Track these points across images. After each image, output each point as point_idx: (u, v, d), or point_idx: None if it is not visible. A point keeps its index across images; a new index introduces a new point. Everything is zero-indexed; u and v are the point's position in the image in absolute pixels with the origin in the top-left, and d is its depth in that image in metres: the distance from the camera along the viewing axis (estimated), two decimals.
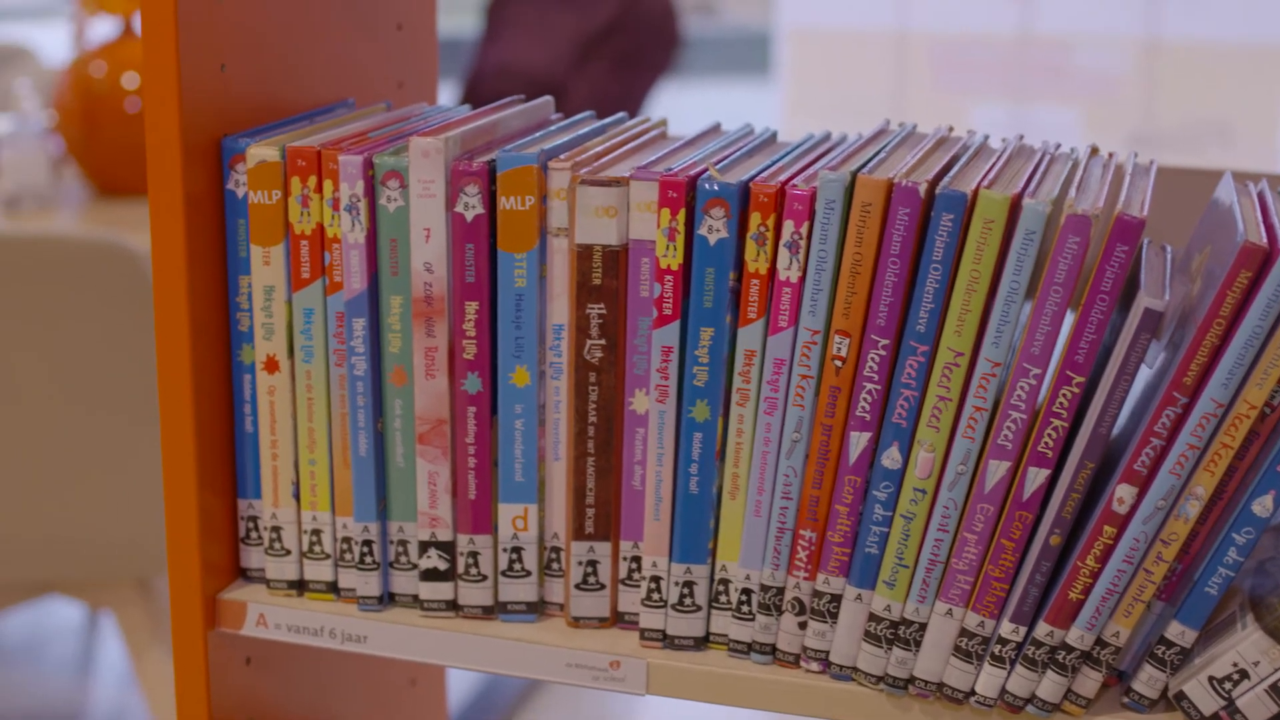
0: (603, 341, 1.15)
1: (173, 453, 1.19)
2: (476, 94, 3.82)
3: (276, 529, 1.23)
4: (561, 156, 1.15)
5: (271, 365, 1.20)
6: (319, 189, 1.17)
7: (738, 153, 1.19)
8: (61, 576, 2.63)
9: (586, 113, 1.34)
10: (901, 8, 6.25)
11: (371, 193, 1.16)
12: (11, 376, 2.54)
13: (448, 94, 4.12)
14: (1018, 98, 6.27)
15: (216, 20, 1.19)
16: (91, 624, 3.55)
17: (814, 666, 1.15)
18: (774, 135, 1.28)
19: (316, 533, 1.22)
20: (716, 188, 1.10)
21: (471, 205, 1.14)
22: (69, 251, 2.47)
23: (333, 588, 1.24)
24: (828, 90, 6.44)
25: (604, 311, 1.14)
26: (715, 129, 1.30)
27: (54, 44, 4.75)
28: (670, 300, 1.12)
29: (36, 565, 2.61)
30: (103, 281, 2.46)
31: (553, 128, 1.26)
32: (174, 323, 1.18)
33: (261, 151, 1.17)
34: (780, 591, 1.15)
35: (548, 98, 1.35)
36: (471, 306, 1.16)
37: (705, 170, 1.12)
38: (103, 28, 3.23)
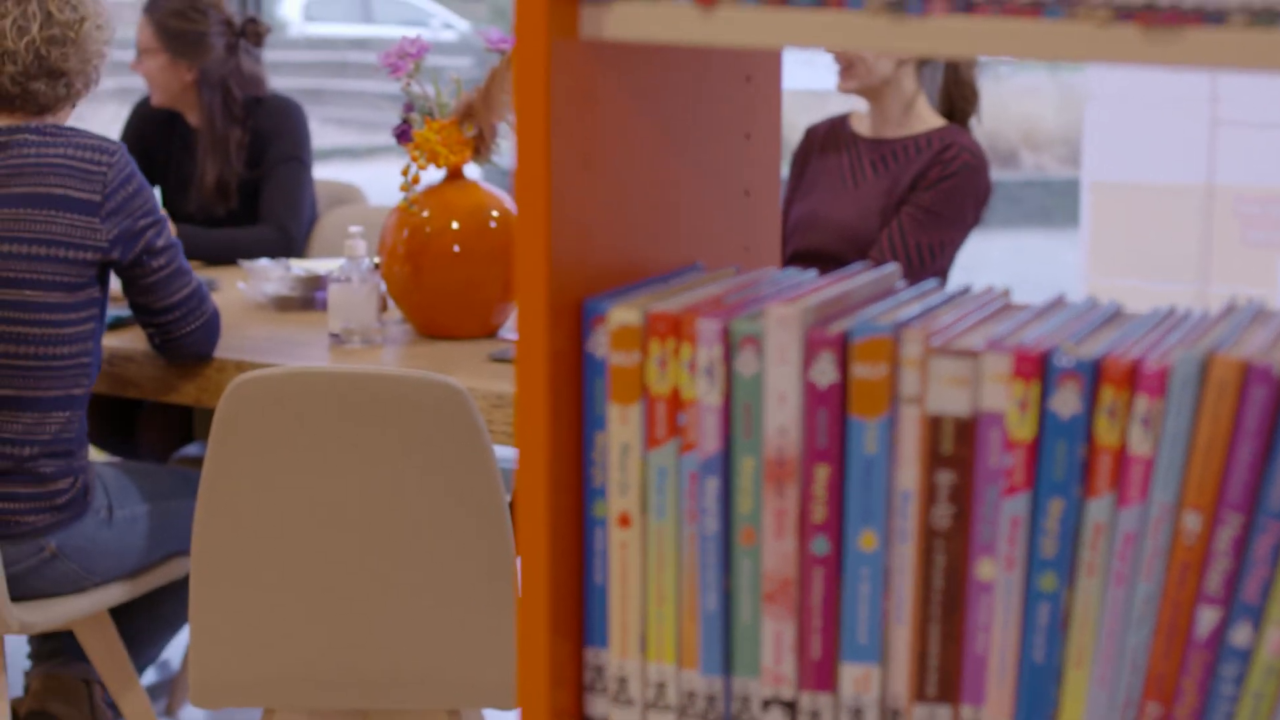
0: (950, 509, 1.17)
1: (529, 601, 1.24)
2: (782, 241, 3.87)
3: (622, 679, 1.27)
4: (914, 326, 1.18)
5: (624, 520, 1.25)
6: (677, 352, 1.22)
7: (1087, 326, 1.21)
8: (376, 706, 2.70)
9: (931, 280, 1.37)
10: (1210, 161, 6.18)
11: (728, 357, 1.20)
12: (335, 507, 2.63)
13: None
14: None
15: (584, 189, 1.25)
16: None
17: None
18: (1119, 309, 1.30)
19: (661, 685, 1.26)
20: (1071, 363, 1.12)
21: (825, 372, 1.18)
22: (404, 389, 2.56)
23: None
24: (1132, 243, 6.38)
25: (953, 479, 1.16)
26: (1060, 301, 1.32)
27: (382, 184, 4.93)
28: (1020, 471, 1.14)
29: (353, 695, 2.69)
30: (434, 419, 2.55)
31: (902, 296, 1.29)
32: (534, 477, 1.23)
33: (623, 315, 1.22)
34: None
35: (894, 264, 1.38)
36: (822, 470, 1.19)
37: (1058, 344, 1.14)
38: (431, 171, 3.35)
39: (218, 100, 4.11)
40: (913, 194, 3.62)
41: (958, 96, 3.77)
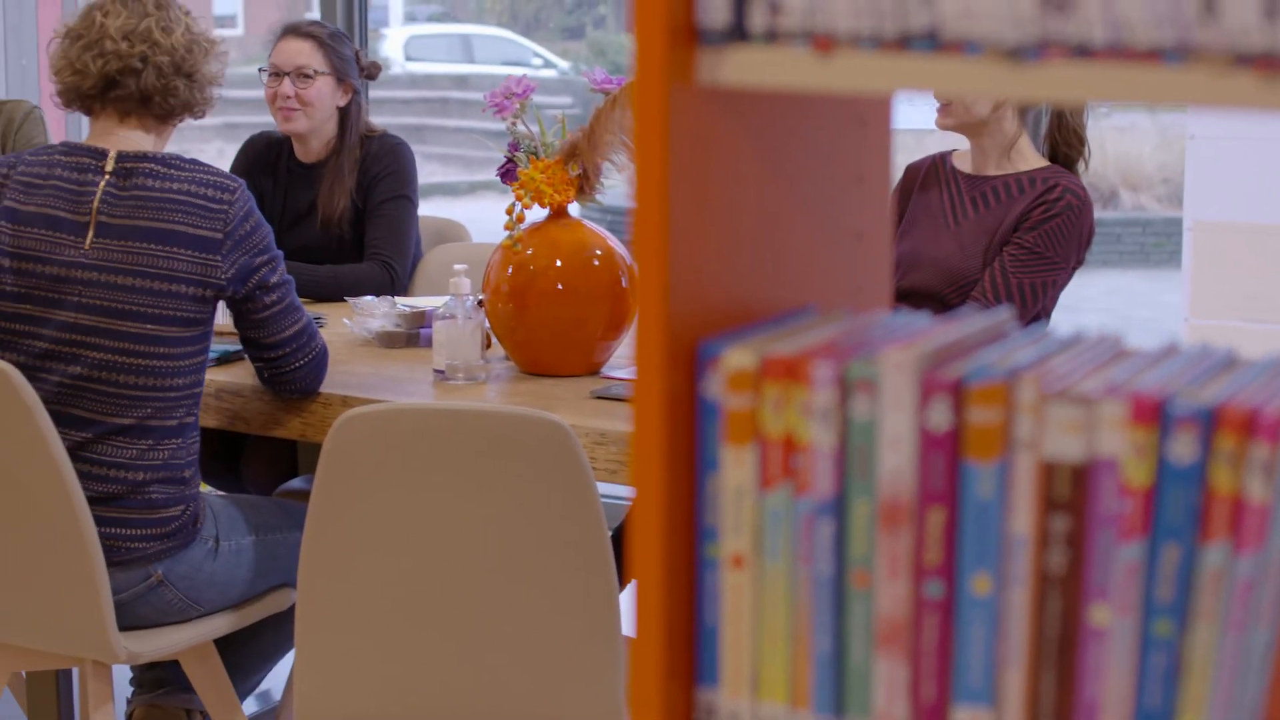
0: (1064, 554, 1.17)
1: (642, 641, 1.25)
2: None
3: (734, 719, 1.28)
4: (1029, 372, 1.18)
5: (737, 562, 1.26)
6: (792, 395, 1.22)
7: (1202, 372, 1.21)
8: None
9: (1043, 323, 1.37)
10: None
11: (843, 400, 1.21)
12: (440, 542, 2.65)
13: None
14: None
15: (700, 233, 1.26)
16: None
17: None
18: (1233, 355, 1.30)
19: None
20: (1188, 409, 1.12)
21: (940, 416, 1.18)
22: (509, 425, 2.58)
23: None
24: (1234, 284, 6.32)
25: (1067, 525, 1.16)
26: (1173, 348, 1.32)
27: (483, 220, 4.96)
28: (1135, 517, 1.14)
29: None
30: (539, 456, 2.57)
31: (1016, 340, 1.30)
32: (649, 518, 1.24)
33: (739, 357, 1.23)
34: None
35: (1005, 308, 1.38)
36: (936, 514, 1.19)
37: (1175, 391, 1.14)
38: (534, 210, 3.37)
39: (355, 125, 4.19)
40: (1016, 234, 3.62)
41: (1061, 142, 3.76)
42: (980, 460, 1.18)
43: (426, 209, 4.53)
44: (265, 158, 4.33)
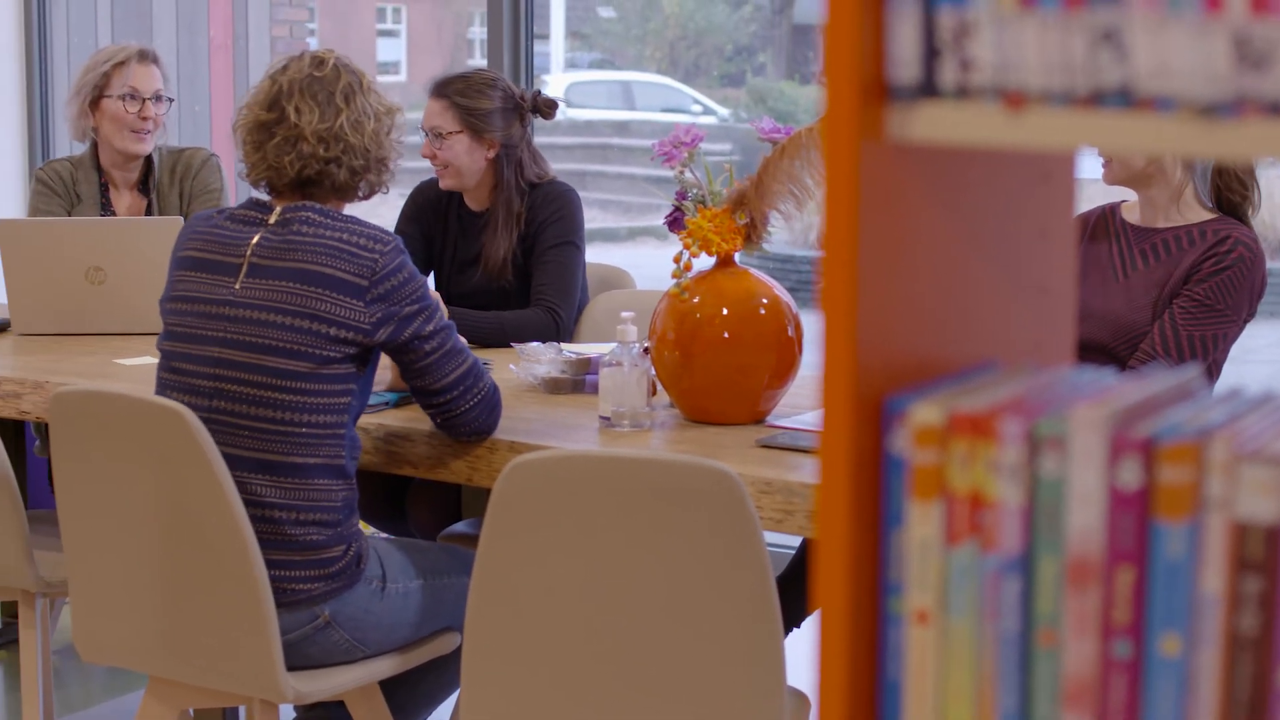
0: (1256, 616, 1.16)
1: (827, 697, 1.25)
2: None
3: None
4: (1221, 431, 1.17)
5: (922, 617, 1.26)
6: (979, 451, 1.22)
7: None
8: None
9: (1231, 385, 1.36)
10: None
11: (1031, 457, 1.20)
12: (606, 590, 2.66)
13: None
14: None
15: (887, 288, 1.26)
16: None
17: None
18: None
19: None
20: None
21: (1130, 475, 1.18)
22: (677, 474, 2.59)
23: None
24: None
25: (1260, 586, 1.15)
26: None
27: (644, 266, 4.97)
28: None
29: None
30: (707, 505, 2.57)
31: (1206, 399, 1.29)
32: (835, 572, 1.24)
33: (926, 413, 1.23)
34: None
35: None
36: (1125, 573, 1.18)
37: None
38: (700, 258, 3.38)
39: (513, 175, 4.20)
40: (1186, 286, 3.58)
41: (1224, 188, 3.71)
42: (1171, 520, 1.17)
43: (589, 255, 4.55)
44: (436, 205, 4.36)
